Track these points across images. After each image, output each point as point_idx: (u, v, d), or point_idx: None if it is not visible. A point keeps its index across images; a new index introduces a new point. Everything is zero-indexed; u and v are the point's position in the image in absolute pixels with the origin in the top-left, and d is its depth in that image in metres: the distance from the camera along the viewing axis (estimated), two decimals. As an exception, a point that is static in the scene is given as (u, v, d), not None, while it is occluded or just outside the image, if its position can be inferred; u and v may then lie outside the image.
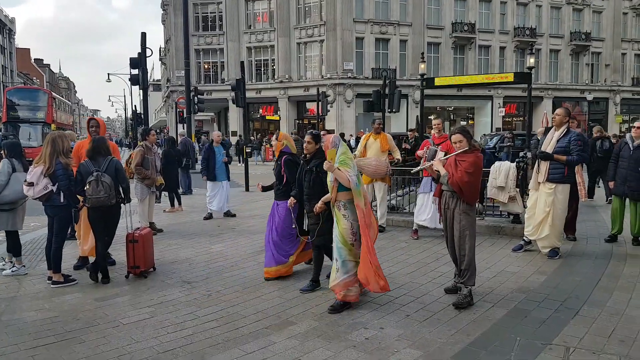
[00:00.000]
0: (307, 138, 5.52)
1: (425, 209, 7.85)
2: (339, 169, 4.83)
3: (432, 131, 8.24)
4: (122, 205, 5.98)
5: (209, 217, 10.15)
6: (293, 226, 5.91)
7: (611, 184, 7.52)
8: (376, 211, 8.28)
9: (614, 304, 4.85)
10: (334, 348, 4.02)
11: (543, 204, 6.54)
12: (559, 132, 6.48)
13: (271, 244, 5.98)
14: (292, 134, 26.86)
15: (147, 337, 4.29)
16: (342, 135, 22.26)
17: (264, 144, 32.25)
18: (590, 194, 11.37)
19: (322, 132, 10.08)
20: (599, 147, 10.76)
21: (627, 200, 7.31)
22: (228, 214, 10.38)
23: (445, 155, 6.89)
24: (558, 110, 6.63)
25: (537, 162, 6.65)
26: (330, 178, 4.98)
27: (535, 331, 4.25)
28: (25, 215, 6.49)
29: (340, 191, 4.93)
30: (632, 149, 7.18)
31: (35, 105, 30.51)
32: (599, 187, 11.95)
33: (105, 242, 5.96)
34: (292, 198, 5.78)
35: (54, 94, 37.79)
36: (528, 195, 7.10)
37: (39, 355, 3.99)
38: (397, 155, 8.75)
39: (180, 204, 11.41)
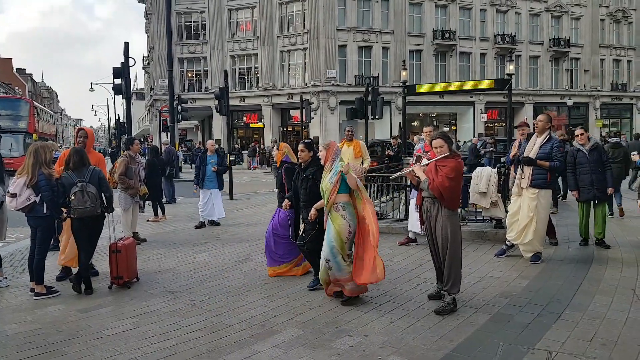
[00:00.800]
0: (300, 147, 5.66)
1: (413, 216, 7.85)
2: (351, 173, 5.02)
3: (415, 138, 8.33)
4: (105, 214, 5.93)
5: (201, 225, 10.11)
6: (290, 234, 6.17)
7: (575, 194, 7.60)
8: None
9: (596, 308, 4.92)
10: (319, 356, 4.02)
11: (527, 209, 6.60)
12: (541, 138, 6.57)
13: (270, 245, 6.34)
14: (274, 141, 26.86)
15: (131, 348, 4.25)
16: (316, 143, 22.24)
17: (263, 151, 32.33)
18: (564, 195, 11.60)
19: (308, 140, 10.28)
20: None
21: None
22: (212, 223, 10.32)
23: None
24: (540, 117, 6.71)
25: (520, 167, 6.70)
26: (329, 180, 5.08)
27: (518, 336, 4.29)
28: (8, 227, 6.40)
29: (340, 193, 5.09)
30: (587, 153, 7.33)
31: (16, 115, 30.09)
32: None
33: (88, 252, 5.89)
34: (286, 200, 5.93)
35: (35, 103, 37.40)
36: (510, 200, 7.18)
37: (20, 369, 3.93)
38: (366, 163, 9.04)
39: (163, 213, 11.32)
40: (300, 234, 5.86)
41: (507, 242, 7.06)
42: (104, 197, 5.83)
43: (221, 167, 10.43)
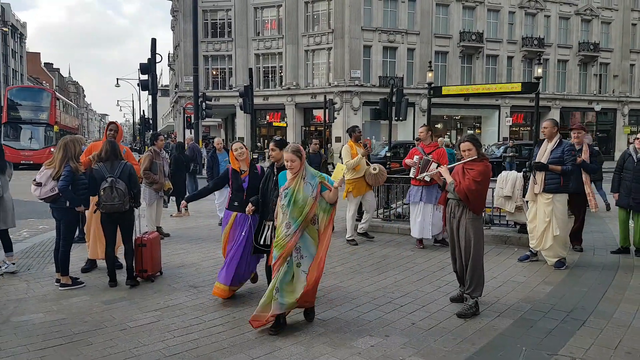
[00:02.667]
0: (271, 145, 5.10)
1: (414, 220, 7.87)
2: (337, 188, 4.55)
3: (440, 140, 8.20)
4: (135, 209, 6.02)
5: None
6: (243, 233, 5.34)
7: (615, 196, 7.48)
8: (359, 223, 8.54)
9: (621, 316, 4.83)
10: (339, 355, 4.03)
11: (542, 214, 6.56)
12: (552, 143, 6.54)
13: (241, 259, 5.37)
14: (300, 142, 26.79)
15: (154, 341, 4.32)
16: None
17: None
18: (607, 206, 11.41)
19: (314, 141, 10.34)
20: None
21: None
22: None
23: (437, 165, 6.93)
24: (545, 123, 6.69)
25: (532, 173, 6.69)
26: (310, 194, 4.46)
27: (541, 341, 4.24)
28: (34, 218, 6.57)
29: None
30: (636, 160, 7.15)
31: (37, 106, 29.07)
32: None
33: (127, 250, 5.96)
34: (250, 204, 5.15)
35: (58, 94, 36.41)
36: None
37: (48, 356, 4.03)
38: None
39: (187, 209, 11.41)
40: (264, 242, 5.04)
41: (531, 249, 6.99)
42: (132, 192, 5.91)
43: None
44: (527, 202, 7.03)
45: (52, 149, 22.81)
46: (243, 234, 5.37)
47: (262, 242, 5.03)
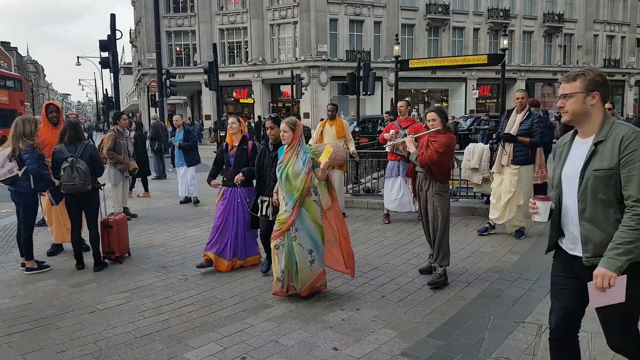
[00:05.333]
0: (268, 124, 5.16)
1: (392, 195, 7.81)
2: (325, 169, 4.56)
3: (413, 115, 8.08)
4: (100, 190, 5.84)
5: (185, 201, 10.13)
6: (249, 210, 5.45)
7: None
8: None
9: (583, 281, 4.97)
10: (311, 329, 4.05)
11: (509, 184, 6.59)
12: (521, 115, 6.51)
13: (237, 236, 5.61)
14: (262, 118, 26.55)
15: (124, 322, 4.26)
16: (307, 129, 21.91)
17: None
18: None
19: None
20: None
21: None
22: (184, 201, 10.13)
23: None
24: (521, 93, 6.52)
25: (501, 144, 6.65)
26: (303, 170, 4.50)
27: (508, 310, 4.35)
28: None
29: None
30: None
31: None
32: None
33: (93, 236, 5.79)
34: (240, 174, 5.42)
35: None
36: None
37: (15, 342, 3.93)
38: (352, 147, 8.24)
39: (146, 190, 11.17)
40: (264, 213, 5.23)
41: (489, 221, 7.04)
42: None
43: (186, 142, 9.98)
44: (492, 173, 7.09)
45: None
46: (224, 205, 5.63)
47: (259, 215, 5.22)
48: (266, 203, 5.21)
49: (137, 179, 10.84)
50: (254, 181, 5.58)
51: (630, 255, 2.32)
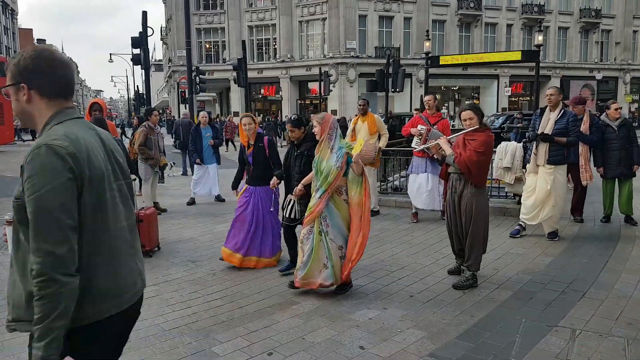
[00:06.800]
0: (288, 127, 5.30)
1: (415, 190, 7.66)
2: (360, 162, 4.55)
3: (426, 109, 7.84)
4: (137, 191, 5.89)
5: (192, 202, 9.68)
6: (271, 209, 5.64)
7: (600, 170, 7.37)
8: None
9: (622, 287, 4.81)
10: (338, 327, 4.02)
11: (544, 183, 6.35)
12: (555, 113, 6.29)
13: (257, 232, 5.63)
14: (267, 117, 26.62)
15: (153, 315, 4.30)
16: (343, 119, 21.90)
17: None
18: None
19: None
20: None
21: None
22: (218, 199, 9.90)
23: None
24: (552, 90, 6.31)
25: (535, 144, 6.44)
26: (335, 164, 4.55)
27: (541, 313, 4.23)
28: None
29: (344, 176, 4.64)
30: (616, 129, 7.12)
31: None
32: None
33: None
34: (275, 178, 5.55)
35: None
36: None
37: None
38: (384, 140, 8.06)
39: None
40: (289, 215, 5.25)
41: (521, 223, 6.83)
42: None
43: (217, 139, 9.89)
44: (525, 172, 6.92)
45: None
46: (244, 204, 5.69)
47: (292, 216, 5.21)
48: (292, 202, 5.20)
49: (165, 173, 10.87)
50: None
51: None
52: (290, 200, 5.22)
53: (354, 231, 4.57)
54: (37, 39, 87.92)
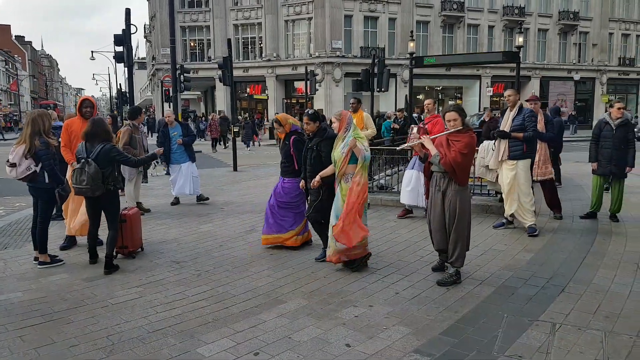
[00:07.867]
0: (305, 119, 5.69)
1: (405, 187, 7.82)
2: (358, 146, 5.06)
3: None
4: (119, 191, 5.76)
5: (176, 202, 9.55)
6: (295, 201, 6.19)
7: (594, 165, 7.52)
8: None
9: (599, 281, 4.93)
10: (324, 326, 4.05)
11: (505, 178, 6.78)
12: (513, 112, 6.70)
13: (269, 213, 6.27)
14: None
15: (137, 317, 4.28)
16: (323, 117, 21.94)
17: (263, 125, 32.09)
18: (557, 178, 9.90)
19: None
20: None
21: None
22: (200, 199, 9.70)
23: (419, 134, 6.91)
24: (509, 91, 6.86)
25: (495, 141, 6.88)
26: (341, 150, 5.09)
27: (522, 308, 4.31)
28: (11, 196, 6.40)
29: (351, 164, 5.10)
30: (614, 128, 7.25)
31: None
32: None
33: (111, 237, 5.59)
34: (302, 182, 5.91)
35: None
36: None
37: (27, 335, 3.96)
38: (369, 131, 8.98)
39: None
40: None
41: (505, 216, 7.14)
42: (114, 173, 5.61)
43: (187, 137, 9.42)
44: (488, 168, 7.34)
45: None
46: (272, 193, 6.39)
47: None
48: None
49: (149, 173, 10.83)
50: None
51: None
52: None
53: (344, 213, 5.05)
54: (16, 36, 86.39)
